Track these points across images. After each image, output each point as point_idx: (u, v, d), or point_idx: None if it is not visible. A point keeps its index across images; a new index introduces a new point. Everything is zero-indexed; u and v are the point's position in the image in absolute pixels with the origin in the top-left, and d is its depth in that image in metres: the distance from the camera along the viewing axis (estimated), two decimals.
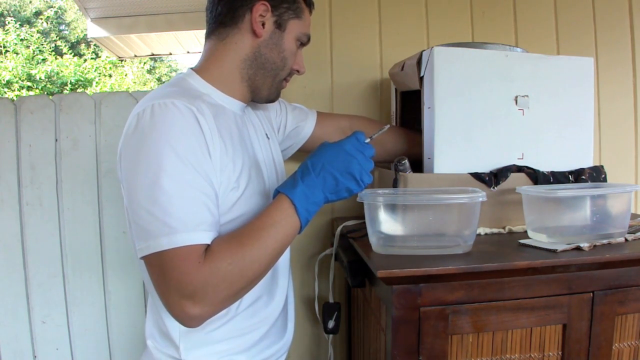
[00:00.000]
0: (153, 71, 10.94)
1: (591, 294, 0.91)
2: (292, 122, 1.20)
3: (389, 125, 0.97)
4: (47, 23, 10.59)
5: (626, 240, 1.00)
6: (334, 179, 0.83)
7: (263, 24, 0.92)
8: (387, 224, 0.94)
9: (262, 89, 0.97)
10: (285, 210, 0.81)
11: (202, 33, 1.04)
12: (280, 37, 0.94)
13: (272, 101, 1.01)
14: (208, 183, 0.79)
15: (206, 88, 0.92)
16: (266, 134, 1.06)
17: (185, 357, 0.89)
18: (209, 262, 0.74)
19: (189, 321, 0.75)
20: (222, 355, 0.90)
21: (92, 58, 8.43)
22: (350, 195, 0.86)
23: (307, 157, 0.86)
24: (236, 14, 0.92)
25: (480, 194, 0.91)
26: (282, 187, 0.83)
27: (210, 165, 0.80)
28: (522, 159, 1.14)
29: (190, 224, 0.74)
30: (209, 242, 0.76)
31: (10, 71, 6.95)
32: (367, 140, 0.88)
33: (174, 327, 0.89)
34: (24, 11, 11.23)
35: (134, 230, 0.77)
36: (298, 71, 0.99)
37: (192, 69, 0.95)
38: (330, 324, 1.29)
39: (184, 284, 0.73)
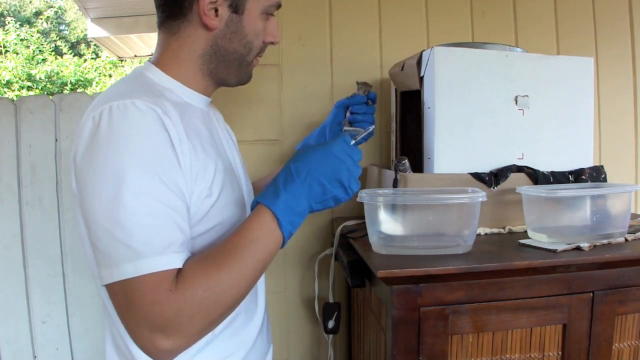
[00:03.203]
0: None
1: (591, 294, 0.91)
2: None
3: (373, 126, 0.92)
4: (47, 23, 10.60)
5: (626, 240, 1.00)
6: (321, 186, 0.74)
7: (216, 11, 0.80)
8: (387, 224, 0.94)
9: (228, 78, 0.88)
10: (266, 224, 0.71)
11: None
12: (239, 22, 0.82)
13: (245, 83, 0.91)
14: (178, 196, 0.69)
15: (168, 82, 0.82)
16: (232, 139, 0.98)
17: None
18: (181, 290, 0.64)
19: (160, 356, 0.65)
20: None
21: (92, 58, 8.43)
22: (337, 204, 0.77)
23: (288, 160, 0.76)
24: (183, 4, 0.80)
25: (480, 194, 0.91)
26: (262, 197, 0.72)
27: (180, 174, 0.70)
28: (522, 159, 1.14)
29: (158, 246, 0.64)
30: (180, 265, 0.66)
31: (10, 71, 6.95)
32: (353, 142, 0.81)
33: (142, 355, 0.72)
34: (24, 11, 11.23)
35: (94, 254, 0.67)
36: (272, 42, 0.89)
37: (150, 62, 0.85)
38: (330, 324, 1.29)
39: (153, 315, 0.63)
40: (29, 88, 7.02)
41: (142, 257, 0.63)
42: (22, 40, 7.59)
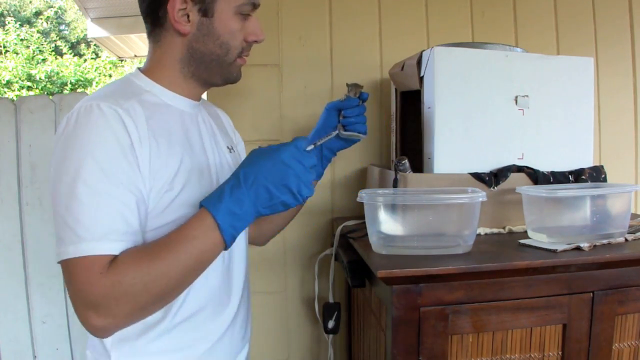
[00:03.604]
0: None
1: (591, 294, 0.91)
2: None
3: (337, 131, 0.94)
4: (47, 23, 10.60)
5: (626, 240, 1.00)
6: (268, 192, 0.75)
7: (188, 17, 0.84)
8: (387, 224, 0.94)
9: (213, 78, 0.91)
10: (206, 225, 0.74)
11: None
12: (210, 24, 0.85)
13: (234, 81, 0.93)
14: (129, 191, 0.75)
15: (150, 86, 0.88)
16: (228, 147, 1.00)
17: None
18: (111, 275, 0.70)
19: (95, 332, 0.72)
20: None
21: (92, 58, 8.44)
22: (287, 209, 0.78)
23: (240, 164, 0.78)
24: (157, 14, 0.86)
25: (480, 194, 0.91)
26: (206, 200, 0.75)
27: (136, 171, 0.76)
28: (522, 159, 1.14)
29: (98, 233, 0.71)
30: (116, 252, 0.72)
31: (10, 71, 6.95)
32: (310, 148, 0.80)
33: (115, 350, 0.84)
34: (24, 11, 11.24)
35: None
36: (255, 41, 0.90)
37: (139, 69, 0.92)
38: (330, 324, 1.29)
39: (85, 294, 0.70)
40: (29, 88, 7.03)
41: (82, 241, 0.71)
42: (22, 40, 7.60)
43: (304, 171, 0.76)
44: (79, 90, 7.12)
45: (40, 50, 7.80)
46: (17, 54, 7.30)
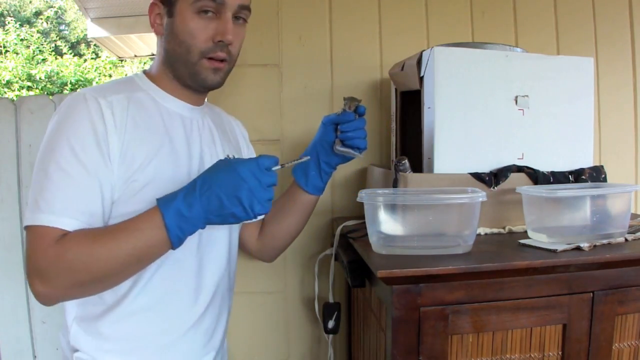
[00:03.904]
0: None
1: (591, 294, 0.91)
2: None
3: (309, 157, 0.95)
4: (47, 23, 10.60)
5: (626, 240, 1.00)
6: (219, 201, 0.77)
7: (162, 20, 0.92)
8: (387, 224, 0.94)
9: (185, 80, 0.93)
10: (154, 222, 0.77)
11: None
12: (172, 24, 0.90)
13: (210, 85, 0.94)
14: (95, 176, 0.81)
15: (147, 86, 0.94)
16: (228, 155, 1.02)
17: (74, 344, 0.89)
18: (57, 248, 0.76)
19: (37, 297, 0.78)
20: (110, 356, 0.88)
21: (92, 58, 8.44)
22: (238, 221, 0.81)
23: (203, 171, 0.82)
24: (149, 22, 0.93)
25: (480, 194, 0.91)
26: (161, 198, 0.79)
27: (106, 159, 0.82)
28: (522, 159, 1.14)
29: (56, 208, 0.77)
30: (69, 229, 0.78)
31: (10, 71, 6.95)
32: (276, 168, 0.81)
33: (71, 311, 0.90)
34: (24, 11, 11.23)
35: None
36: (221, 41, 0.89)
37: (144, 70, 0.98)
38: (330, 324, 1.29)
39: (33, 260, 0.76)
40: (29, 88, 7.03)
41: (41, 212, 0.77)
42: (22, 40, 7.60)
43: (259, 188, 0.78)
44: (79, 90, 7.11)
45: (40, 50, 7.80)
46: (17, 54, 7.30)
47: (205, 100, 1.05)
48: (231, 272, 1.05)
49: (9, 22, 7.92)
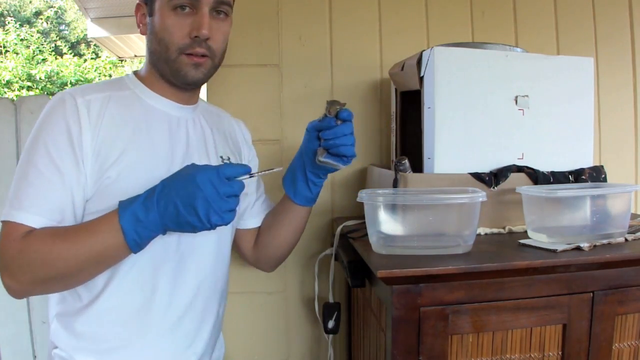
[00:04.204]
0: None
1: (591, 294, 0.91)
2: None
3: (281, 168, 0.89)
4: (47, 23, 10.60)
5: (626, 240, 1.00)
6: (176, 208, 0.75)
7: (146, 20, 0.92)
8: (387, 224, 0.94)
9: (168, 78, 0.92)
10: (113, 224, 0.77)
11: None
12: (151, 23, 0.90)
13: (192, 82, 0.92)
14: (67, 177, 0.81)
15: (134, 85, 0.94)
16: (222, 156, 1.01)
17: (54, 339, 0.90)
18: (21, 243, 0.77)
19: (6, 290, 0.80)
20: (86, 354, 0.87)
21: (92, 58, 8.44)
22: (195, 231, 0.78)
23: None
24: (136, 23, 0.94)
25: (480, 194, 0.91)
26: (123, 200, 0.79)
27: (79, 160, 0.82)
28: (522, 159, 1.14)
29: (25, 204, 0.79)
30: (35, 226, 0.79)
31: (10, 71, 6.95)
32: (242, 178, 0.78)
33: (53, 308, 0.91)
34: (24, 11, 11.24)
35: None
36: (197, 36, 0.87)
37: (134, 71, 0.99)
38: (330, 324, 1.29)
39: (2, 254, 0.79)
40: (29, 88, 7.03)
41: (12, 208, 0.80)
42: (22, 40, 7.60)
43: (216, 197, 0.74)
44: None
45: (40, 50, 7.80)
46: (17, 54, 7.30)
47: (200, 99, 1.04)
48: (219, 276, 1.00)
49: (9, 22, 7.92)
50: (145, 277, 0.88)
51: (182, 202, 0.74)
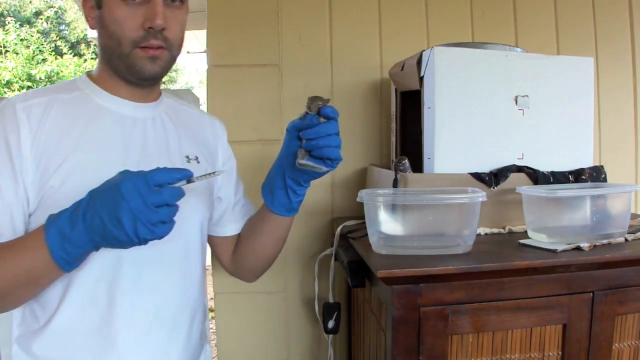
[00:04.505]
0: None
1: (591, 294, 0.91)
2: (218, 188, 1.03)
3: (223, 170, 0.80)
4: (47, 23, 10.61)
5: (626, 240, 1.00)
6: (101, 221, 0.67)
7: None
8: (387, 224, 0.94)
9: (124, 74, 0.85)
10: (39, 240, 0.70)
11: (202, 33, 1.04)
12: (101, 16, 0.82)
13: (149, 76, 0.85)
14: (2, 192, 0.77)
15: (85, 86, 0.88)
16: (187, 156, 0.93)
17: (13, 353, 0.84)
18: None
19: None
20: None
21: (92, 58, 8.44)
22: (123, 246, 0.69)
23: None
24: (84, 16, 0.87)
25: (480, 194, 0.91)
26: (52, 214, 0.72)
27: (16, 175, 0.77)
28: (522, 159, 1.14)
29: None
30: None
31: (10, 71, 6.96)
32: (180, 184, 0.69)
33: (14, 331, 0.85)
34: (24, 11, 11.23)
35: None
36: (152, 27, 0.80)
37: (87, 72, 0.93)
38: (330, 324, 1.29)
39: None
40: (29, 88, 7.04)
41: None
42: (22, 40, 7.60)
43: (142, 208, 0.65)
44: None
45: (40, 50, 7.81)
46: (17, 54, 7.31)
47: (167, 95, 0.98)
48: (188, 286, 0.91)
49: (9, 22, 7.93)
50: (99, 292, 0.81)
51: (108, 214, 0.66)
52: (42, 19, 10.27)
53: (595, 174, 1.15)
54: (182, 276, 0.90)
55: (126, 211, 0.65)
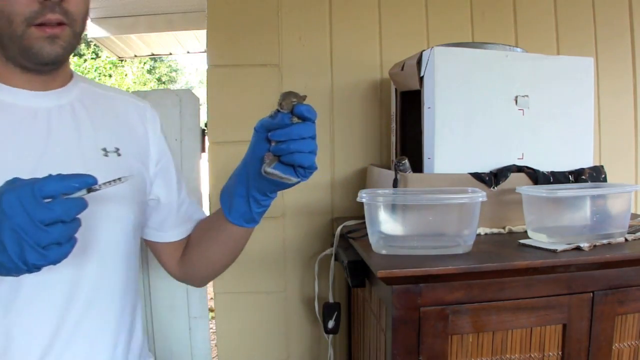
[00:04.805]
0: (153, 71, 10.94)
1: (591, 294, 0.91)
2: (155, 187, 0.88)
3: (131, 176, 0.64)
4: None
5: (626, 240, 1.00)
6: None
7: None
8: (387, 224, 0.94)
9: (19, 59, 0.71)
10: None
11: (202, 33, 1.03)
12: None
13: (48, 60, 0.70)
14: None
15: None
16: (104, 149, 0.79)
17: None
18: None
19: None
20: None
21: (92, 58, 8.44)
22: (11, 274, 0.55)
23: None
24: None
25: (480, 194, 0.91)
26: None
27: None
28: (522, 159, 1.14)
29: None
30: None
31: None
32: (79, 194, 0.55)
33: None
34: None
35: None
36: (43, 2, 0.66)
37: None
38: (330, 324, 1.29)
39: None
40: None
41: None
42: None
43: (29, 227, 0.52)
44: None
45: None
46: None
47: (82, 80, 0.84)
48: (109, 302, 0.78)
49: None
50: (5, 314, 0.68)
51: None
52: None
53: (595, 174, 1.15)
54: (95, 290, 0.75)
55: (8, 231, 0.51)
